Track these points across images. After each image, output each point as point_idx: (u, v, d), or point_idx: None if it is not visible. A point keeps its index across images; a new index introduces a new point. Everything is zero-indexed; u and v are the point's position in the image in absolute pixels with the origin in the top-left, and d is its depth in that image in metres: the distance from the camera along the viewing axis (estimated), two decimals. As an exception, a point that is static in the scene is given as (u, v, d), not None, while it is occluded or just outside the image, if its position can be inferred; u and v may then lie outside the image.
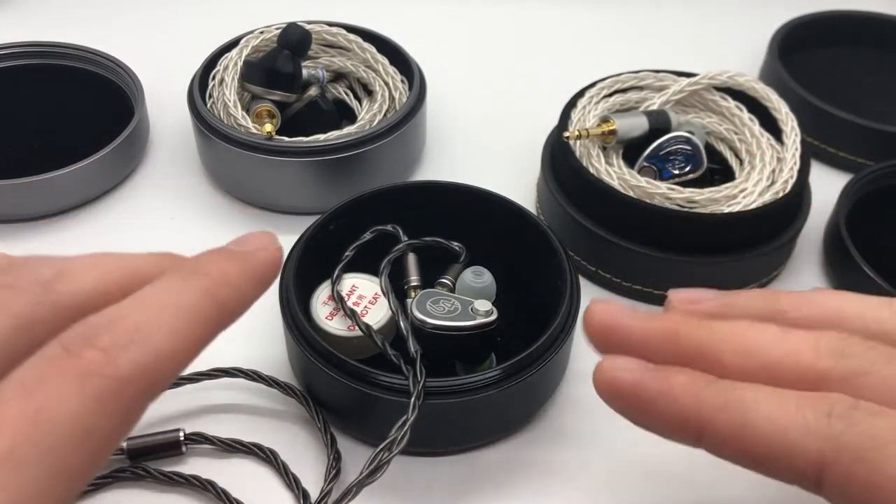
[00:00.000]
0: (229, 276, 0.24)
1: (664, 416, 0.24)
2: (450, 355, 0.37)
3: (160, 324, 0.21)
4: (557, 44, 0.66)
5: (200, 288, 0.23)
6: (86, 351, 0.20)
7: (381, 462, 0.31)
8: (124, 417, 0.20)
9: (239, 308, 0.24)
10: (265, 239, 0.26)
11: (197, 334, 0.22)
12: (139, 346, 0.20)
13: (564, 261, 0.39)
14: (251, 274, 0.24)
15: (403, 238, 0.40)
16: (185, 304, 0.22)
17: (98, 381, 0.19)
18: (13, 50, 0.55)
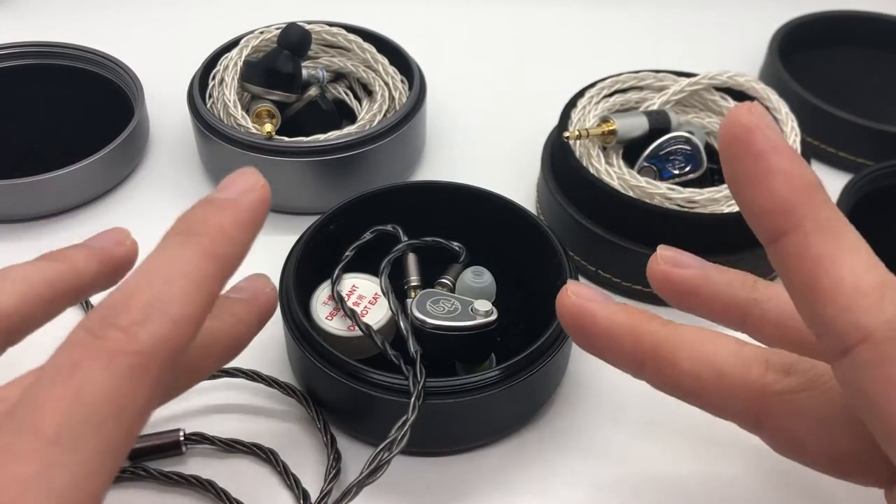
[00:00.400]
0: (224, 230, 0.24)
1: (771, 195, 0.24)
2: (450, 355, 0.37)
3: (172, 295, 0.22)
4: (557, 44, 0.66)
5: (200, 249, 0.23)
6: (108, 331, 0.21)
7: (381, 462, 0.31)
8: (153, 389, 0.21)
9: (238, 259, 0.24)
10: (251, 178, 0.26)
11: (205, 295, 0.23)
12: (155, 320, 0.21)
13: (564, 261, 0.39)
14: (244, 221, 0.24)
15: (403, 238, 0.40)
16: (190, 270, 0.22)
17: (124, 359, 0.21)
18: (13, 50, 0.55)
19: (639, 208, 0.42)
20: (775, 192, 0.23)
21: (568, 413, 0.39)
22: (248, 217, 0.24)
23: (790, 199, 0.23)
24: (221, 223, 0.24)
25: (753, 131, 0.23)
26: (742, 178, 0.24)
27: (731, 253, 0.42)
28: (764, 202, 0.24)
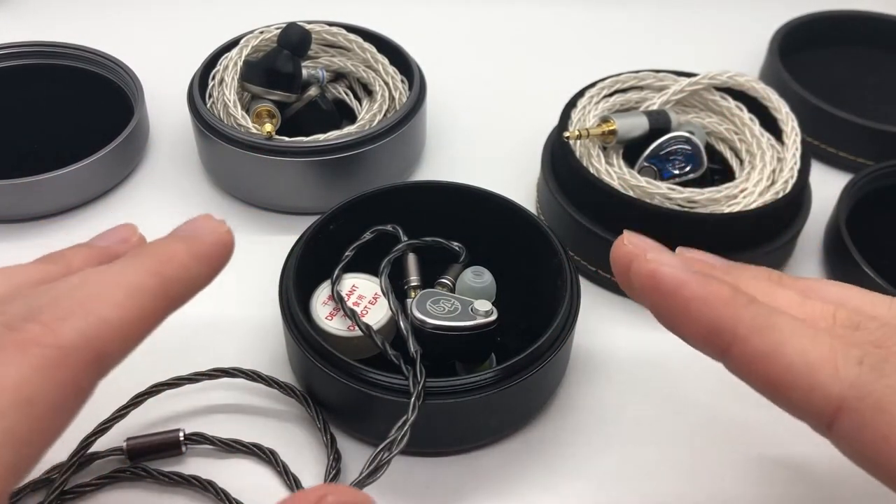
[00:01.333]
0: (175, 255, 0.25)
1: (697, 321, 0.24)
2: (450, 355, 0.37)
3: (104, 297, 0.22)
4: (557, 44, 0.66)
5: (145, 266, 0.24)
6: (27, 325, 0.21)
7: (381, 462, 0.31)
8: (70, 387, 0.21)
9: (188, 285, 0.25)
10: (217, 224, 0.27)
11: (142, 308, 0.23)
12: (81, 317, 0.21)
13: (564, 261, 0.39)
14: (197, 253, 0.25)
15: (403, 238, 0.40)
16: (130, 280, 0.23)
17: (38, 350, 0.20)
18: (13, 50, 0.55)
19: (639, 208, 0.42)
20: (699, 318, 0.24)
21: (568, 413, 0.39)
22: (204, 250, 0.26)
23: (714, 317, 0.24)
24: (175, 249, 0.25)
25: (656, 273, 0.25)
26: (668, 319, 0.25)
27: (732, 253, 0.42)
28: (696, 331, 0.24)
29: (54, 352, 0.20)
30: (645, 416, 0.39)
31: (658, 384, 0.41)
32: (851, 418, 0.22)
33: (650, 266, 0.25)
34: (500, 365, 0.35)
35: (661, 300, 0.25)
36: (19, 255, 0.46)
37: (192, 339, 0.42)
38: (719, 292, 0.24)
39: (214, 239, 0.26)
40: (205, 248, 0.26)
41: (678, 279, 0.25)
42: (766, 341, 0.23)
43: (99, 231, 0.38)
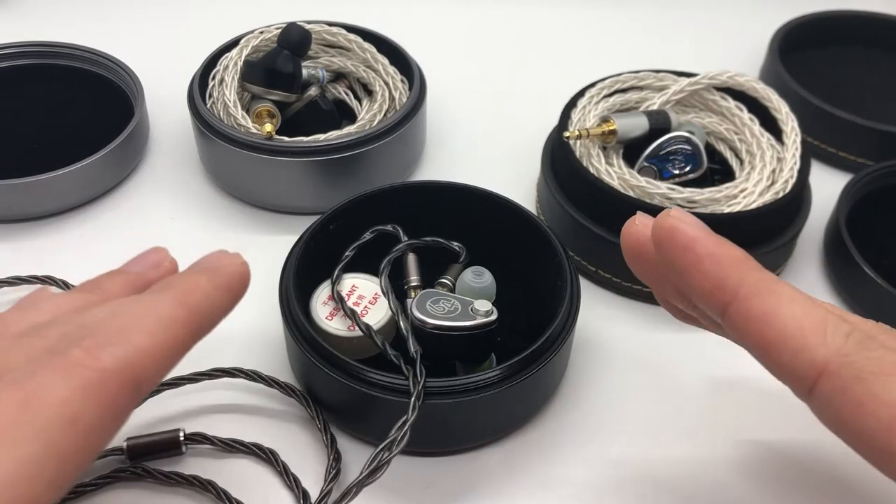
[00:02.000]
0: (199, 286, 0.27)
1: (705, 276, 0.26)
2: (450, 355, 0.37)
3: (138, 327, 0.24)
4: (557, 44, 0.66)
5: (172, 297, 0.26)
6: (70, 350, 0.22)
7: (381, 462, 0.31)
8: (111, 407, 0.22)
9: (212, 314, 0.27)
10: (234, 257, 0.29)
11: (173, 336, 0.25)
12: (119, 344, 0.23)
13: (565, 261, 0.39)
14: (219, 284, 0.28)
15: (403, 238, 0.40)
16: (160, 311, 0.25)
17: (82, 372, 0.22)
18: (13, 50, 0.55)
19: (639, 208, 0.42)
20: (707, 274, 0.26)
21: (568, 413, 0.39)
22: (225, 282, 0.28)
23: (721, 274, 0.26)
24: (197, 281, 0.27)
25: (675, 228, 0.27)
26: (679, 271, 0.27)
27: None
28: (702, 284, 0.26)
29: (96, 374, 0.22)
30: (644, 414, 0.39)
31: (658, 383, 0.41)
32: (832, 383, 0.23)
33: (672, 221, 0.27)
34: (500, 365, 0.35)
35: (677, 253, 0.27)
36: (19, 255, 0.46)
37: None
38: (732, 253, 0.26)
39: (233, 270, 0.28)
40: (225, 280, 0.28)
41: (696, 235, 0.26)
42: (764, 303, 0.25)
43: (98, 231, 0.39)
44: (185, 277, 0.27)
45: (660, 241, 0.27)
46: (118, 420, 0.23)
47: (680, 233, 0.27)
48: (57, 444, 0.21)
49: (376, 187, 0.43)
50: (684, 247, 0.26)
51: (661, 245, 0.27)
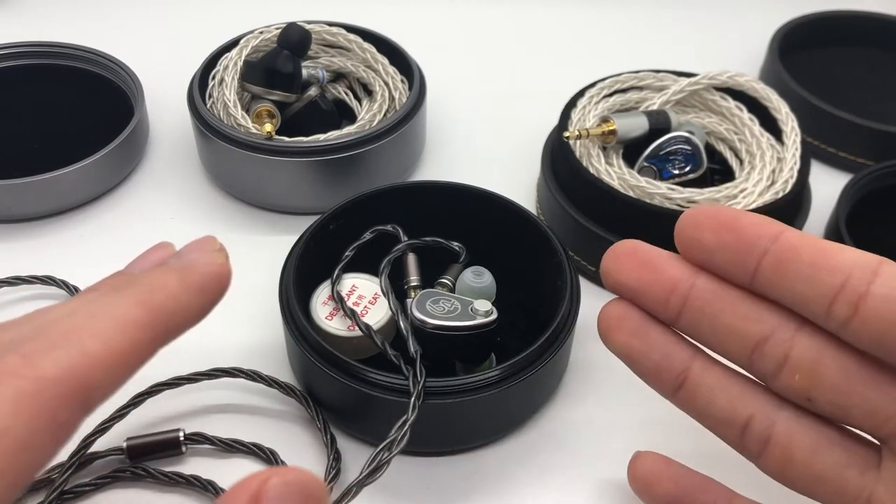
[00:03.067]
0: (166, 285, 0.24)
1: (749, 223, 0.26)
2: (450, 355, 0.37)
3: (89, 330, 0.21)
4: (557, 44, 0.66)
5: (133, 296, 0.23)
6: (6, 356, 0.20)
7: (381, 462, 0.31)
8: (48, 420, 0.20)
9: (179, 317, 0.24)
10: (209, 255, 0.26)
11: (129, 339, 0.22)
12: (64, 349, 0.20)
13: (564, 261, 0.39)
14: (190, 284, 0.24)
15: (403, 238, 0.40)
16: (116, 312, 0.22)
17: (14, 382, 0.19)
18: (13, 50, 0.55)
19: (639, 208, 0.42)
20: (757, 217, 0.26)
21: (567, 413, 0.39)
22: (198, 282, 0.25)
23: (770, 219, 0.26)
24: (166, 280, 0.24)
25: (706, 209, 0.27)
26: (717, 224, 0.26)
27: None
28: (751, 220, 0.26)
29: (31, 383, 0.19)
30: (644, 415, 0.39)
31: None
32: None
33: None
34: (500, 365, 0.35)
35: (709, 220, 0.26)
36: (19, 255, 0.46)
37: (192, 338, 0.42)
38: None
39: (208, 270, 0.25)
40: (197, 279, 0.25)
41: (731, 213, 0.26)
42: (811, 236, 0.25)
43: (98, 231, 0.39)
44: (152, 274, 0.24)
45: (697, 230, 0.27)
46: (59, 435, 0.20)
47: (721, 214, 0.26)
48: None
49: (376, 187, 0.43)
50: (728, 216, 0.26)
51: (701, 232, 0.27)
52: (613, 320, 0.29)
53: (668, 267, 0.28)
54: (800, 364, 0.26)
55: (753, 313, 0.26)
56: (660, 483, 0.30)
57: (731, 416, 0.28)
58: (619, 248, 0.28)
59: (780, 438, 0.27)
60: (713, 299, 0.27)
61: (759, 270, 0.25)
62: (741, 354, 0.27)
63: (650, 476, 0.30)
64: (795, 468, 0.27)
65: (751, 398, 0.28)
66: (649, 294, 0.28)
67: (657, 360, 0.29)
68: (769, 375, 0.27)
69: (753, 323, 0.26)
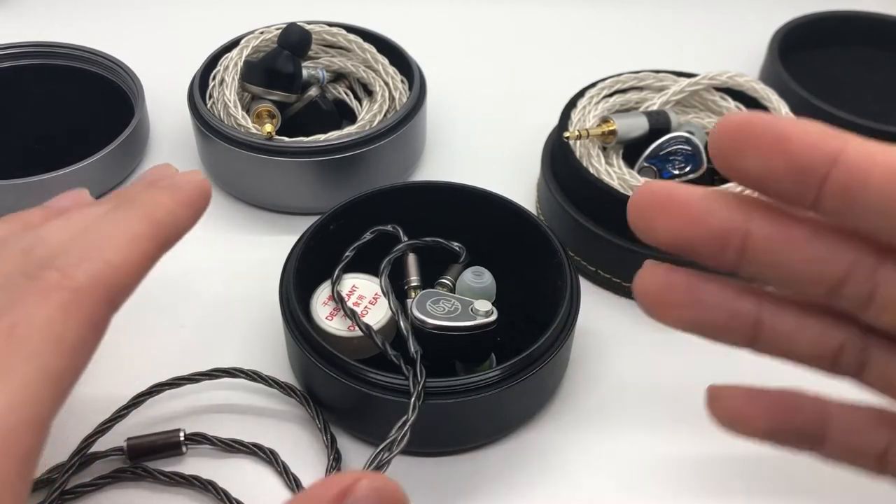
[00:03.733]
0: (163, 203, 0.27)
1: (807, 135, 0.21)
2: (450, 355, 0.37)
3: (107, 243, 0.25)
4: (557, 44, 0.66)
5: (139, 213, 0.26)
6: (45, 272, 0.23)
7: (381, 462, 0.31)
8: (89, 324, 0.23)
9: (175, 230, 0.27)
10: (188, 173, 0.30)
11: (141, 251, 0.25)
12: (91, 261, 0.24)
13: (564, 260, 0.39)
14: (181, 200, 0.28)
15: (403, 238, 0.40)
16: (128, 227, 0.25)
17: (59, 294, 0.23)
18: (13, 50, 0.55)
19: (639, 208, 0.42)
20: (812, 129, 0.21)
21: (568, 412, 0.39)
22: (187, 198, 0.28)
23: (825, 129, 0.21)
24: (160, 198, 0.27)
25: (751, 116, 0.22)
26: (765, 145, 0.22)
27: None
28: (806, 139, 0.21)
29: (73, 294, 0.23)
30: (645, 414, 0.39)
31: (658, 383, 0.41)
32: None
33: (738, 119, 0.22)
34: (500, 365, 0.35)
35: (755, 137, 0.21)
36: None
37: (193, 339, 0.42)
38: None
39: (194, 186, 0.29)
40: (187, 196, 0.28)
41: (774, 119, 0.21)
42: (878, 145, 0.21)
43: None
44: (147, 193, 0.28)
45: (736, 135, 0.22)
46: (98, 335, 0.24)
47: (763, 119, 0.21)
48: (48, 365, 0.22)
49: (376, 187, 0.43)
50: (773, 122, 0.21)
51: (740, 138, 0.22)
52: (656, 295, 0.24)
53: (712, 214, 0.23)
54: (888, 302, 0.22)
55: (825, 251, 0.22)
56: (752, 422, 0.26)
57: (817, 352, 0.24)
58: (647, 197, 0.23)
59: (877, 361, 0.24)
60: (773, 246, 0.23)
61: (821, 200, 0.21)
62: (822, 296, 0.23)
63: (739, 415, 0.26)
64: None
65: (835, 331, 0.24)
66: (697, 253, 0.23)
67: (721, 323, 0.24)
68: (854, 312, 0.23)
69: (824, 264, 0.22)
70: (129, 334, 0.42)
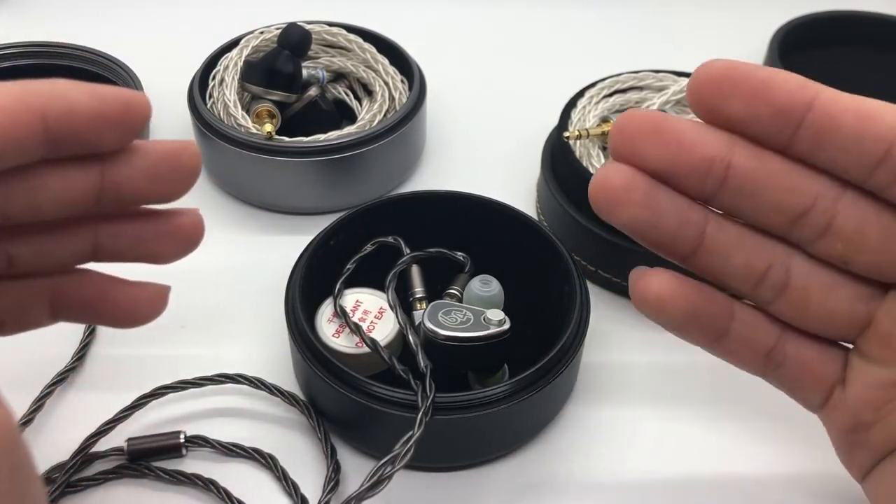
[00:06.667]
0: (56, 83, 0.24)
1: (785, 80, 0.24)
2: (463, 366, 0.37)
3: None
4: (557, 44, 0.66)
5: (17, 84, 0.23)
6: None
7: (383, 477, 0.31)
8: None
9: (65, 107, 0.23)
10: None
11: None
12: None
13: (571, 265, 0.39)
14: (87, 90, 0.24)
15: (406, 249, 0.40)
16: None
17: None
18: (13, 50, 0.55)
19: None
20: (790, 79, 0.24)
21: (579, 421, 0.39)
22: (98, 91, 0.25)
23: (801, 78, 0.24)
24: (58, 81, 0.24)
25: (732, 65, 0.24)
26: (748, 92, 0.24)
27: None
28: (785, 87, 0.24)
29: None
30: (656, 427, 0.39)
31: (667, 384, 0.40)
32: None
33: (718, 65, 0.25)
34: (511, 376, 0.34)
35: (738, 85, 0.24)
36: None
37: (194, 341, 0.42)
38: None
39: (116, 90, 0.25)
40: (98, 90, 0.24)
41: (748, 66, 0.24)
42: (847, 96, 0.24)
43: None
44: (62, 83, 0.24)
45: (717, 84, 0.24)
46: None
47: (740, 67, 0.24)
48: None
49: (376, 199, 0.42)
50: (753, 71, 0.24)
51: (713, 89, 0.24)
52: (618, 192, 0.25)
53: (701, 143, 0.25)
54: (842, 232, 0.25)
55: (795, 184, 0.25)
56: (673, 303, 0.27)
57: (748, 270, 0.26)
58: (637, 121, 0.25)
59: (798, 282, 0.26)
60: (753, 177, 0.25)
61: (795, 140, 0.24)
62: (781, 225, 0.26)
63: (662, 296, 0.27)
64: (812, 307, 0.27)
65: (767, 249, 0.26)
66: (683, 175, 0.25)
67: (672, 230, 0.26)
68: (806, 241, 0.26)
69: (795, 195, 0.25)
70: (130, 335, 0.41)
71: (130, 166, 0.25)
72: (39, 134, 0.23)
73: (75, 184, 0.25)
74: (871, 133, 0.23)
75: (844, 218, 0.25)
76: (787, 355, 0.28)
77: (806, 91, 0.24)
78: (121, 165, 0.25)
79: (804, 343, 0.28)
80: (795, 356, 0.28)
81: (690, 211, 0.26)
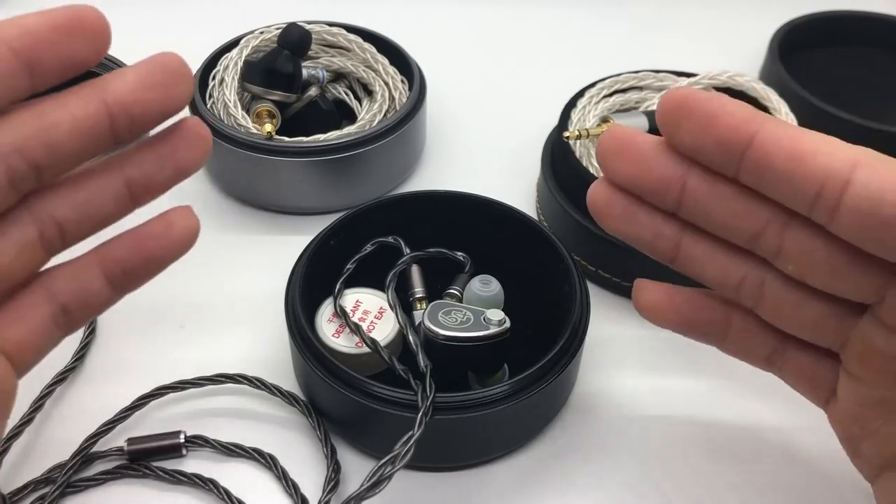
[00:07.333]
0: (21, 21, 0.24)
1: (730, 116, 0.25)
2: (463, 366, 0.37)
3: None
4: (557, 44, 0.66)
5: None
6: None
7: (383, 477, 0.31)
8: None
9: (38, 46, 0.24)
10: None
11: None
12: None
13: (571, 266, 0.39)
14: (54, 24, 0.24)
15: (406, 249, 0.40)
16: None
17: None
18: (13, 50, 0.55)
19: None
20: (735, 112, 0.25)
21: (577, 426, 0.39)
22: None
23: (748, 112, 0.25)
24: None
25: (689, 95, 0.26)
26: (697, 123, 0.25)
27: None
28: (729, 120, 0.25)
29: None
30: (656, 427, 0.39)
31: (667, 385, 0.40)
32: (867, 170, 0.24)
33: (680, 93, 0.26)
34: (511, 376, 0.34)
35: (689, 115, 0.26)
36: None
37: (194, 341, 0.42)
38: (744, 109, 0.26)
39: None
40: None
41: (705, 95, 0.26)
42: (791, 130, 0.25)
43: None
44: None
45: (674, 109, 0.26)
46: None
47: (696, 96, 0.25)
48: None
49: (376, 199, 0.42)
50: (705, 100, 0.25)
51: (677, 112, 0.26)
52: (601, 206, 0.29)
53: (659, 165, 0.27)
54: (791, 255, 0.26)
55: (745, 210, 0.26)
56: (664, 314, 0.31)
57: (723, 280, 0.29)
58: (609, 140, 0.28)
59: (771, 294, 0.28)
60: (705, 199, 0.27)
61: (740, 171, 0.25)
62: (741, 244, 0.27)
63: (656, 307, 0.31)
64: (785, 318, 0.28)
65: (739, 263, 0.28)
66: (645, 191, 0.28)
67: (649, 240, 0.29)
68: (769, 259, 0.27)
69: (745, 220, 0.27)
70: (130, 335, 0.42)
71: (124, 82, 0.26)
72: (12, 62, 0.23)
73: (81, 111, 0.25)
74: (802, 174, 0.24)
75: (792, 242, 0.26)
76: (787, 360, 0.30)
77: (749, 126, 0.25)
78: (116, 84, 0.26)
79: (801, 349, 0.29)
80: (794, 361, 0.30)
81: (664, 225, 0.28)
